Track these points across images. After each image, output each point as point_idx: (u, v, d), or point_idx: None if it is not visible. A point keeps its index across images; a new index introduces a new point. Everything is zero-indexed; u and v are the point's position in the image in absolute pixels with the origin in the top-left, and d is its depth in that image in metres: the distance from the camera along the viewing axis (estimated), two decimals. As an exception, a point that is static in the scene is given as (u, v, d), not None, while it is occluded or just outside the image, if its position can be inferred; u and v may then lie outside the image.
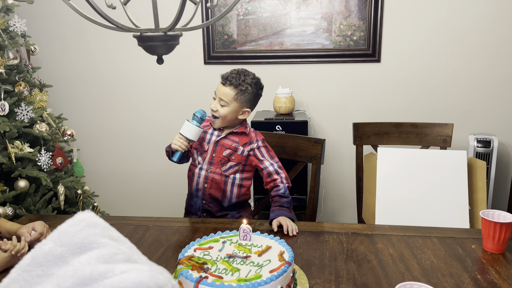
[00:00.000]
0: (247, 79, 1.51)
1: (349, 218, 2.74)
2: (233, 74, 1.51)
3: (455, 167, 1.79)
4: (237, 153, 1.56)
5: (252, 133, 1.60)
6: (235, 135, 1.58)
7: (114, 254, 0.42)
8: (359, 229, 1.42)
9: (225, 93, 1.50)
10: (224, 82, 1.51)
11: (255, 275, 0.98)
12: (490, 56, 2.46)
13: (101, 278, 0.37)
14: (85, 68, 2.77)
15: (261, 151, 1.58)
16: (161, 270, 0.42)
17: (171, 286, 0.41)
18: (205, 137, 1.59)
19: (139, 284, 0.37)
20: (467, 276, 1.12)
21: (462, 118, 2.54)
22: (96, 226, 0.44)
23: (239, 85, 1.50)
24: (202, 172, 1.59)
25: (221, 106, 1.52)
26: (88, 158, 2.85)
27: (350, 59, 2.52)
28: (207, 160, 1.58)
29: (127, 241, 0.47)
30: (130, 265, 0.40)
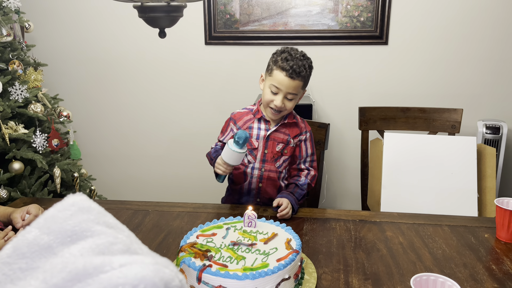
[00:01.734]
0: (308, 62, 1.37)
1: (352, 204, 2.69)
2: (297, 63, 1.33)
3: (464, 153, 1.73)
4: (289, 146, 1.44)
5: (302, 123, 1.48)
6: (285, 127, 1.44)
7: (111, 243, 0.35)
8: (367, 216, 1.37)
9: (295, 86, 1.34)
10: (293, 76, 1.32)
11: (262, 264, 0.93)
12: (501, 39, 2.38)
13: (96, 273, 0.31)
14: (82, 46, 2.67)
15: (307, 144, 1.47)
16: (166, 262, 0.35)
17: (178, 281, 0.34)
18: (251, 133, 1.44)
19: (142, 280, 0.31)
20: (481, 267, 1.07)
21: (471, 103, 2.47)
22: (89, 211, 0.38)
23: (305, 72, 1.35)
24: (255, 172, 1.45)
25: (288, 100, 1.36)
26: (85, 140, 2.78)
27: (356, 41, 2.44)
28: (259, 158, 1.44)
29: (125, 229, 0.40)
30: (130, 257, 0.34)
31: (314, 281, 0.99)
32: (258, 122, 1.44)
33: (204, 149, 2.71)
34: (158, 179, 2.82)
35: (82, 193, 0.41)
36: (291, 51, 1.37)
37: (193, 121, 2.70)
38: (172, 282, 0.33)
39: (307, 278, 1.00)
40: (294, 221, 1.33)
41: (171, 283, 0.33)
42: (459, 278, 1.02)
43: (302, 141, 1.46)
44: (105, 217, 0.39)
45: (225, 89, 2.63)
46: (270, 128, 1.43)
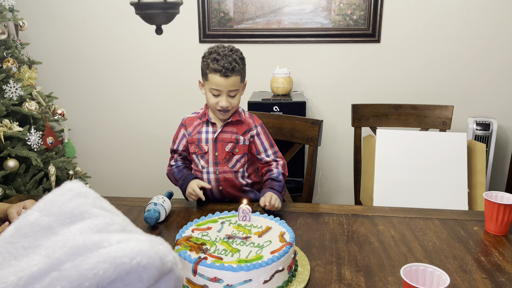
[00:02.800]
0: (238, 55, 1.36)
1: (346, 200, 2.72)
2: (227, 60, 1.32)
3: (454, 149, 1.76)
4: (239, 144, 1.43)
5: (249, 118, 1.46)
6: (231, 126, 1.43)
7: (108, 224, 0.37)
8: (359, 211, 1.39)
9: (233, 83, 1.34)
10: (228, 74, 1.32)
11: (256, 256, 0.95)
12: (491, 38, 2.42)
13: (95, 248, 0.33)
14: (76, 44, 2.68)
15: (261, 138, 1.46)
16: (160, 240, 0.37)
17: (172, 257, 0.36)
18: (200, 138, 1.43)
19: (138, 253, 0.33)
20: (470, 258, 1.10)
21: (462, 100, 2.51)
22: (86, 196, 0.40)
23: (238, 66, 1.34)
24: (211, 176, 1.45)
25: (232, 98, 1.36)
26: (80, 138, 2.78)
27: (349, 39, 2.47)
28: (212, 162, 1.43)
29: (120, 213, 0.42)
30: (127, 235, 0.36)
31: (308, 273, 1.01)
32: (206, 125, 1.44)
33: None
34: (154, 175, 2.83)
35: (78, 180, 0.43)
36: (218, 50, 1.35)
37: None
38: (166, 257, 0.35)
39: (300, 270, 1.02)
40: (288, 215, 1.35)
41: (165, 257, 0.35)
42: (449, 269, 1.04)
43: (255, 136, 1.45)
44: (101, 201, 0.41)
45: (219, 87, 2.64)
46: (217, 130, 1.42)
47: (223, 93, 1.35)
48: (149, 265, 0.33)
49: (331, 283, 0.99)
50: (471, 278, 1.01)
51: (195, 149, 1.45)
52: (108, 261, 0.32)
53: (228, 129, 1.43)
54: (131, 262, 0.32)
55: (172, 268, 0.36)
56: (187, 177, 1.42)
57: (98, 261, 0.31)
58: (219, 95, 1.36)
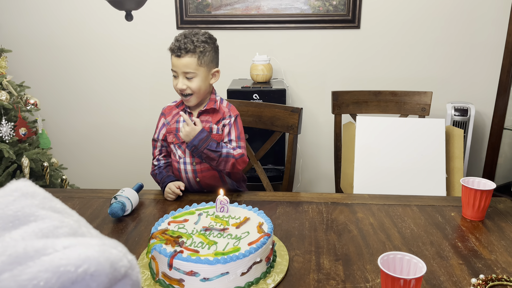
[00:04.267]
0: (199, 37, 1.31)
1: (327, 188, 2.73)
2: (183, 41, 1.30)
3: (433, 135, 1.77)
4: (213, 133, 1.39)
5: (225, 107, 1.42)
6: (206, 114, 1.40)
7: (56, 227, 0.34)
8: (339, 199, 1.39)
9: (186, 64, 1.30)
10: (178, 54, 1.30)
11: (233, 248, 0.93)
12: (469, 24, 2.43)
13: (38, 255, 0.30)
14: (48, 31, 2.58)
15: (231, 129, 1.40)
16: (114, 243, 0.35)
17: (127, 261, 0.34)
18: (178, 127, 1.40)
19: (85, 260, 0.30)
20: (447, 244, 1.11)
21: (441, 86, 2.52)
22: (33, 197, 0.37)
23: (196, 48, 1.30)
24: (188, 167, 1.41)
25: (189, 80, 1.32)
26: (54, 128, 2.70)
27: (329, 25, 2.44)
28: (188, 152, 1.39)
29: (75, 214, 0.39)
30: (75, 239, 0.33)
31: (286, 263, 1.01)
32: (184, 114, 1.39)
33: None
34: (131, 166, 2.78)
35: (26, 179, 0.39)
36: (186, 32, 1.33)
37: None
38: (119, 262, 0.33)
39: (279, 261, 1.01)
40: (268, 205, 1.34)
41: (118, 263, 0.32)
42: (426, 256, 1.05)
43: (227, 125, 1.40)
44: (52, 202, 0.38)
45: (198, 74, 2.60)
46: (192, 119, 1.38)
47: (179, 75, 1.33)
48: (97, 272, 0.31)
49: (309, 273, 0.98)
50: (448, 264, 1.02)
51: (172, 139, 1.42)
52: (50, 270, 0.29)
53: (204, 118, 1.40)
54: (76, 271, 0.30)
55: (127, 273, 0.33)
56: (165, 180, 1.39)
57: (39, 271, 0.29)
58: (177, 77, 1.34)
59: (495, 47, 2.44)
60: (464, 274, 0.98)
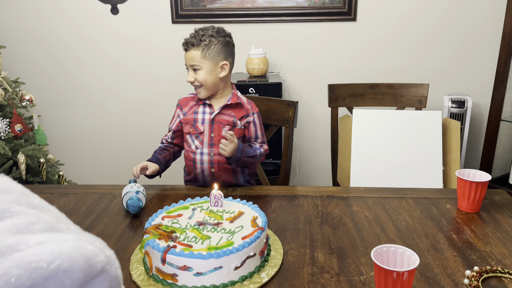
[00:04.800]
0: (207, 32, 1.37)
1: (324, 181, 2.73)
2: (192, 35, 1.38)
3: (430, 127, 1.77)
4: (236, 128, 1.42)
5: (247, 104, 1.46)
6: (229, 109, 1.42)
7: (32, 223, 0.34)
8: (334, 192, 1.38)
9: (192, 57, 1.36)
10: (186, 48, 1.38)
11: (227, 242, 0.93)
12: (466, 16, 2.42)
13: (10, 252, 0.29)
14: (43, 27, 2.56)
15: (256, 126, 1.46)
16: (91, 239, 0.34)
17: (104, 256, 0.33)
18: (197, 118, 1.42)
19: (58, 256, 0.30)
20: (442, 236, 1.11)
21: (438, 78, 2.51)
22: (10, 192, 0.36)
23: (201, 41, 1.35)
24: (204, 157, 1.43)
25: (195, 73, 1.37)
26: (51, 124, 2.69)
27: (325, 17, 2.42)
28: (207, 143, 1.42)
29: (54, 209, 0.38)
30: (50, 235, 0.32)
31: (280, 257, 1.00)
32: (203, 106, 1.44)
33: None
34: (128, 162, 2.77)
35: (3, 175, 0.39)
36: (198, 28, 1.40)
37: (162, 102, 2.66)
38: (95, 258, 0.32)
39: (273, 255, 1.01)
40: (263, 199, 1.34)
41: (94, 258, 0.32)
42: (420, 248, 1.05)
43: (251, 123, 1.46)
44: (29, 198, 0.37)
45: (194, 69, 2.58)
46: (214, 111, 1.42)
47: (189, 68, 1.39)
48: (71, 268, 0.30)
49: (303, 266, 0.98)
50: (443, 256, 1.01)
51: (189, 129, 1.44)
52: (22, 266, 0.28)
53: (227, 112, 1.43)
54: (49, 267, 0.29)
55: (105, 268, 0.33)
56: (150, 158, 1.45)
57: (10, 267, 0.28)
58: (188, 70, 1.40)
59: (491, 39, 2.43)
60: (459, 266, 0.97)
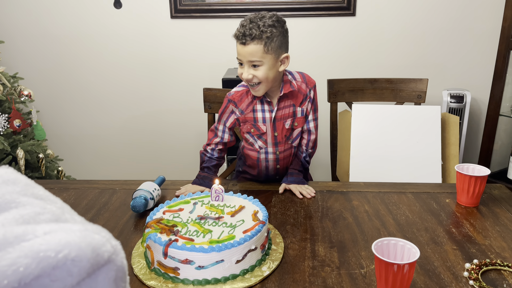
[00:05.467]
0: (266, 21, 1.20)
1: (323, 176, 2.74)
2: (248, 26, 1.19)
3: (429, 122, 1.77)
4: (297, 117, 1.34)
5: (301, 83, 1.34)
6: (287, 99, 1.32)
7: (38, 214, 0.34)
8: (334, 187, 1.39)
9: (252, 52, 1.19)
10: (244, 41, 1.20)
11: (228, 236, 0.93)
12: (464, 11, 2.41)
13: (18, 241, 0.30)
14: (41, 22, 2.55)
15: (314, 103, 1.38)
16: (97, 229, 0.34)
17: (110, 246, 0.34)
18: (256, 117, 1.32)
19: (66, 246, 0.30)
20: (442, 230, 1.11)
21: (436, 73, 2.51)
22: (15, 183, 0.36)
23: (262, 33, 1.18)
24: (269, 156, 1.38)
25: (255, 69, 1.22)
26: (50, 120, 2.69)
27: (324, 12, 2.42)
28: (271, 142, 1.36)
29: (58, 200, 0.39)
30: (57, 225, 0.33)
31: (281, 251, 1.01)
32: (261, 103, 1.32)
33: (171, 126, 2.68)
34: (127, 157, 2.78)
35: (8, 166, 0.39)
36: (252, 16, 1.23)
37: (161, 98, 2.65)
38: (102, 247, 0.32)
39: (274, 248, 1.02)
40: (263, 194, 1.34)
41: (100, 248, 0.32)
42: (420, 242, 1.05)
43: (310, 102, 1.37)
44: (34, 189, 0.38)
45: (192, 63, 2.58)
46: (274, 108, 1.31)
47: (245, 63, 1.23)
48: (78, 257, 0.30)
49: (304, 260, 0.98)
50: (442, 249, 1.02)
51: (250, 129, 1.35)
52: (30, 256, 0.29)
53: (285, 104, 1.33)
54: (57, 256, 0.30)
55: (111, 258, 0.33)
56: (203, 178, 1.37)
57: (18, 256, 0.29)
58: (243, 65, 1.24)
59: (490, 34, 2.43)
60: (458, 259, 0.98)
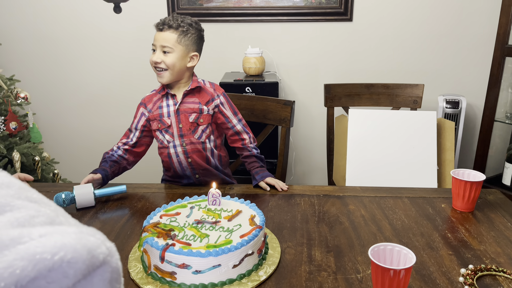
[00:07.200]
0: (186, 20, 1.36)
1: (320, 180, 2.74)
2: (169, 18, 1.35)
3: (424, 127, 1.78)
4: (203, 114, 1.40)
5: (209, 88, 1.43)
6: (192, 96, 1.40)
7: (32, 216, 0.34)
8: (331, 191, 1.39)
9: (166, 38, 1.33)
10: (161, 28, 1.34)
11: (225, 241, 0.93)
12: (460, 17, 2.44)
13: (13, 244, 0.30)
14: (38, 24, 2.55)
15: (226, 107, 1.44)
16: (92, 231, 0.35)
17: (105, 248, 0.34)
18: (162, 112, 1.40)
19: (62, 248, 0.30)
20: (437, 235, 1.12)
21: (432, 79, 2.53)
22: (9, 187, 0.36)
23: (179, 27, 1.33)
24: (178, 149, 1.42)
25: (165, 55, 1.34)
26: (46, 122, 2.68)
27: (321, 17, 2.44)
28: (176, 134, 1.41)
29: (52, 204, 0.39)
30: (52, 228, 0.33)
31: (278, 255, 1.01)
32: (166, 99, 1.41)
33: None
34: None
35: (1, 169, 0.39)
36: (176, 14, 1.40)
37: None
38: (97, 249, 0.33)
39: (271, 253, 1.02)
40: (260, 198, 1.34)
41: (96, 250, 0.32)
42: (416, 247, 1.06)
43: (219, 105, 1.43)
44: (28, 192, 0.38)
45: (190, 67, 2.58)
46: (177, 102, 1.40)
47: (157, 48, 1.35)
48: (74, 259, 0.31)
49: (301, 264, 0.99)
50: (438, 255, 1.03)
51: (157, 125, 1.42)
52: (26, 258, 0.29)
53: (190, 99, 1.41)
54: (53, 258, 0.30)
55: (106, 260, 0.33)
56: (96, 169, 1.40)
57: (15, 259, 0.29)
58: (155, 50, 1.36)
59: (486, 41, 2.45)
60: (454, 264, 0.99)
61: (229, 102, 1.46)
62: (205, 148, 1.44)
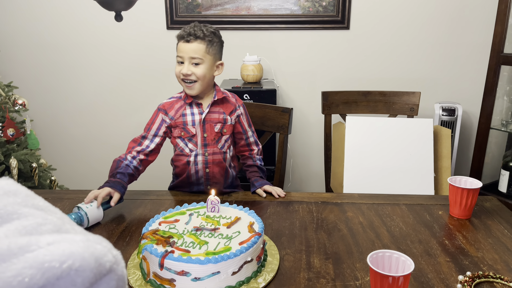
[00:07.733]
0: (209, 28, 1.35)
1: (317, 187, 2.75)
2: (194, 28, 1.32)
3: (421, 135, 1.80)
4: (227, 124, 1.41)
5: (232, 98, 1.45)
6: (217, 105, 1.40)
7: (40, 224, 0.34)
8: (329, 198, 1.40)
9: (195, 49, 1.31)
10: (188, 39, 1.31)
11: (224, 248, 0.93)
12: (456, 25, 2.47)
13: (22, 252, 0.30)
14: (37, 31, 2.56)
15: (244, 118, 1.46)
16: (99, 239, 0.35)
17: (111, 256, 0.34)
18: (186, 120, 1.38)
19: (70, 256, 0.31)
20: (435, 242, 1.12)
21: (429, 87, 2.55)
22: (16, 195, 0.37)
23: (206, 36, 1.32)
24: (199, 158, 1.40)
25: (195, 66, 1.32)
26: (43, 129, 2.68)
27: (319, 25, 2.46)
28: (200, 144, 1.39)
29: (58, 211, 0.39)
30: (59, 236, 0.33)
31: (277, 263, 1.01)
32: (190, 107, 1.39)
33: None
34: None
35: (8, 177, 0.39)
36: (195, 23, 1.36)
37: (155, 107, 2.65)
38: (104, 257, 0.33)
39: (269, 260, 1.02)
40: (258, 205, 1.35)
41: (103, 258, 0.33)
42: (414, 254, 1.06)
43: (240, 116, 1.45)
44: (34, 199, 0.38)
45: (188, 74, 2.59)
46: (204, 111, 1.38)
47: (185, 60, 1.33)
48: (82, 267, 0.31)
49: (300, 271, 0.99)
50: (436, 261, 1.03)
51: (180, 133, 1.39)
52: (35, 267, 0.29)
53: (215, 109, 1.40)
54: (61, 266, 0.30)
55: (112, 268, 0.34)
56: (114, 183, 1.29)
57: (24, 267, 0.29)
58: (183, 62, 1.33)
59: (481, 49, 2.48)
60: (452, 271, 0.99)
61: (247, 114, 1.49)
62: (225, 158, 1.44)
